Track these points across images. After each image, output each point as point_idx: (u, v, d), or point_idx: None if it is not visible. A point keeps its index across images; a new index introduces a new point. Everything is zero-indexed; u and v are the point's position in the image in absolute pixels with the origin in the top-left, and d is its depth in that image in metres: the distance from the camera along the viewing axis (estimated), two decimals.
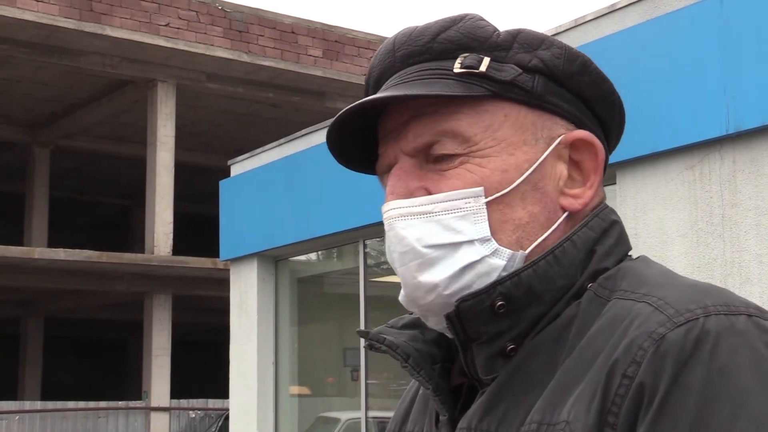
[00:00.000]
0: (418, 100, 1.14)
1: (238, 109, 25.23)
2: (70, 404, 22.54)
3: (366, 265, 10.45)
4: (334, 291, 12.61)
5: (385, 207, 1.16)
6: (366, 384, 10.43)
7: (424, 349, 1.19)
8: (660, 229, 6.60)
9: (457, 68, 1.14)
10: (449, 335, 1.14)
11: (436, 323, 1.15)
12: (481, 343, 1.11)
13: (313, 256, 11.97)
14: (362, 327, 10.32)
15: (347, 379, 11.76)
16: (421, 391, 1.29)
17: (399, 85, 1.16)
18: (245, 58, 22.37)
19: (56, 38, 20.82)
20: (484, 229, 1.11)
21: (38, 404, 22.48)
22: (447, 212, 1.12)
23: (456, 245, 1.11)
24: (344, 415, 11.73)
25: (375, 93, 1.21)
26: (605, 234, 1.16)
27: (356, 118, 1.17)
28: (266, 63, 22.64)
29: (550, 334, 1.10)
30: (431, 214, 1.12)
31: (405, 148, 1.16)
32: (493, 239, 1.11)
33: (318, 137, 10.64)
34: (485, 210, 1.12)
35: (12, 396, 25.55)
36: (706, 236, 6.39)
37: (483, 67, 1.14)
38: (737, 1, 6.32)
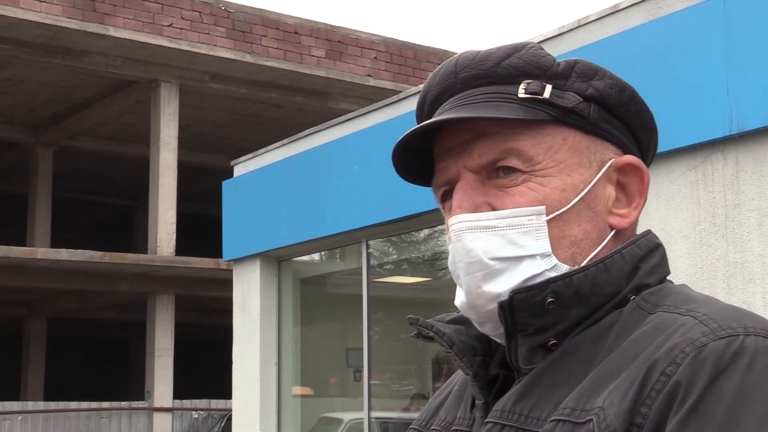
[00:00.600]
0: (482, 121, 1.23)
1: (241, 109, 25.24)
2: (73, 404, 22.55)
3: (369, 266, 10.45)
4: (337, 291, 12.60)
5: (453, 220, 1.24)
6: (369, 384, 10.43)
7: (467, 342, 1.29)
8: (663, 229, 6.60)
9: (521, 93, 1.24)
10: (498, 341, 1.25)
11: (492, 329, 1.24)
12: (526, 334, 1.20)
13: (316, 256, 11.97)
14: (365, 328, 10.35)
15: (350, 379, 11.75)
16: (456, 387, 1.38)
17: (464, 106, 1.24)
18: (248, 58, 22.38)
19: (59, 38, 20.84)
20: (545, 245, 1.21)
21: (41, 404, 22.48)
22: (511, 227, 1.21)
23: (519, 259, 1.20)
24: (347, 416, 11.73)
25: (432, 110, 1.31)
26: (650, 254, 1.25)
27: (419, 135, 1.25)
28: (269, 63, 22.64)
29: (590, 335, 1.18)
30: (496, 229, 1.21)
31: (469, 164, 1.24)
32: (552, 254, 1.20)
33: (321, 138, 10.64)
34: (546, 227, 1.21)
35: (15, 396, 25.56)
36: (709, 237, 6.39)
37: (546, 94, 1.24)
38: (740, 2, 6.32)
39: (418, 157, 1.29)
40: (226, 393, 15.39)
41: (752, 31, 6.22)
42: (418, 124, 1.31)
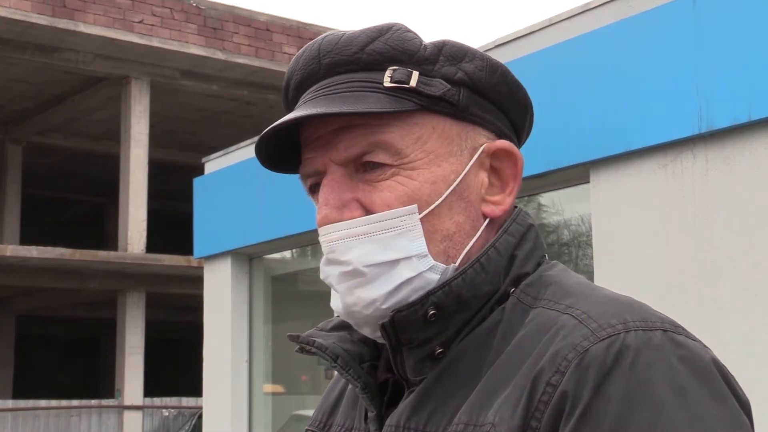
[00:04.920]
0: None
1: (212, 106, 25.15)
2: (42, 403, 22.38)
3: None
4: (308, 289, 12.59)
5: (323, 231, 1.18)
6: None
7: (353, 349, 1.24)
8: (633, 227, 6.63)
9: (387, 82, 1.17)
10: (380, 341, 1.19)
11: (370, 332, 1.19)
12: (411, 347, 1.16)
13: (287, 254, 11.95)
14: None
15: (321, 377, 11.75)
16: (350, 387, 1.33)
17: (329, 96, 1.17)
18: (219, 55, 22.30)
19: (29, 34, 20.68)
20: (421, 245, 1.16)
21: (9, 403, 22.30)
22: (384, 231, 1.15)
23: (395, 262, 1.15)
24: None
25: (297, 96, 1.24)
26: (524, 238, 1.21)
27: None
28: (241, 60, 22.57)
29: (476, 337, 1.15)
30: (369, 235, 1.16)
31: (336, 158, 1.18)
32: (429, 255, 1.15)
33: None
34: (420, 226, 1.15)
35: None
36: (679, 235, 6.42)
37: (413, 82, 1.17)
38: (710, 2, 6.36)
39: (285, 144, 1.23)
40: (196, 391, 15.36)
41: (722, 30, 6.26)
42: (284, 108, 1.26)
